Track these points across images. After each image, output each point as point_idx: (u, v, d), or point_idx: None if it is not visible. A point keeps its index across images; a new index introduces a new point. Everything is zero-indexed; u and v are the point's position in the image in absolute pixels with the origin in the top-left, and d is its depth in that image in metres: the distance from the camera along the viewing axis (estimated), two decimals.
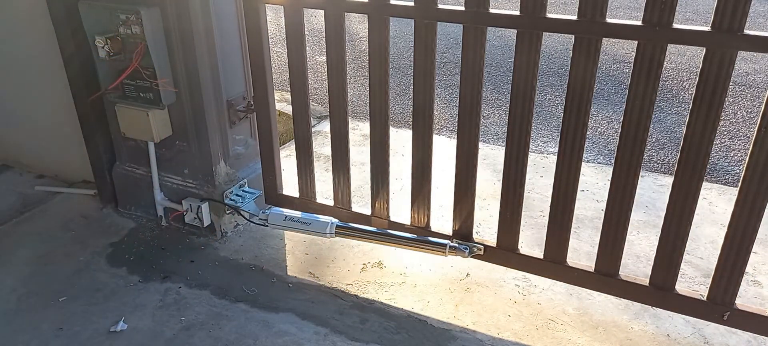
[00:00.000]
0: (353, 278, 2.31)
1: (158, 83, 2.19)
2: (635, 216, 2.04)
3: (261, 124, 2.41)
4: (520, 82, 1.86)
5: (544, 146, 3.62)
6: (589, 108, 1.80)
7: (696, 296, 1.92)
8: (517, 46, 1.81)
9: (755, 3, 1.80)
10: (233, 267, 2.38)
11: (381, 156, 2.22)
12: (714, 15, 1.56)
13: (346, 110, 2.21)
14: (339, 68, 2.13)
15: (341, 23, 2.06)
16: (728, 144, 3.68)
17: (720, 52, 1.58)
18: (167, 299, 2.18)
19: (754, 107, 4.25)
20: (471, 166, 2.07)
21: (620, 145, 1.81)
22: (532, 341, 2.00)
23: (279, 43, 5.51)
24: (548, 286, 2.23)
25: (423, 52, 1.96)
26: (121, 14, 2.12)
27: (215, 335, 2.02)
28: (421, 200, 2.22)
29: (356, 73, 5.02)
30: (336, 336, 2.01)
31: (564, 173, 1.92)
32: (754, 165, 1.66)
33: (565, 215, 1.99)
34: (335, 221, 2.24)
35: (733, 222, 1.75)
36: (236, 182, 2.51)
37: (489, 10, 1.82)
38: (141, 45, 2.13)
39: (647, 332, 2.03)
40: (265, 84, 2.31)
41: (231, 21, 2.30)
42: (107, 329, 2.02)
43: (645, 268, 2.27)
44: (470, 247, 2.14)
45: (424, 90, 2.02)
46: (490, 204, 2.82)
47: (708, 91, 1.63)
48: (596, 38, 1.71)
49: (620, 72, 4.98)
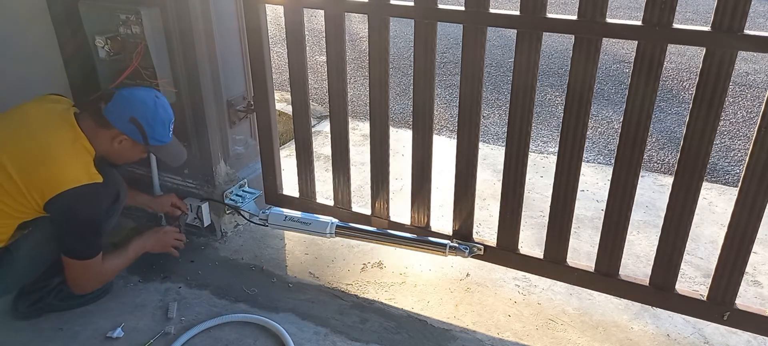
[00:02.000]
0: (353, 278, 2.31)
1: (158, 83, 2.19)
2: (635, 216, 2.04)
3: (261, 124, 2.41)
4: (520, 82, 1.86)
5: (544, 146, 3.62)
6: (589, 108, 1.80)
7: (696, 296, 1.92)
8: (517, 46, 1.81)
9: (755, 3, 1.80)
10: (233, 267, 2.38)
11: (381, 156, 2.22)
12: (714, 15, 1.56)
13: (346, 110, 2.21)
14: (339, 68, 2.13)
15: (341, 23, 2.06)
16: (728, 144, 3.68)
17: (720, 52, 1.58)
18: (167, 299, 2.18)
19: (754, 107, 4.26)
20: (471, 166, 2.07)
21: (620, 145, 1.81)
22: (532, 341, 2.00)
23: (279, 43, 5.51)
24: (548, 286, 2.23)
25: (423, 52, 1.96)
26: (121, 14, 2.12)
27: (215, 335, 2.02)
28: (421, 200, 2.22)
29: (356, 73, 5.03)
30: (336, 336, 2.01)
31: (564, 173, 1.92)
32: (754, 165, 1.66)
33: (565, 215, 1.99)
34: (335, 221, 2.24)
35: (733, 222, 1.75)
36: (236, 182, 2.51)
37: (489, 10, 1.82)
38: (141, 45, 2.13)
39: (647, 332, 2.03)
40: (265, 84, 2.31)
41: (231, 21, 2.30)
42: (106, 331, 2.02)
43: (645, 268, 2.27)
44: (470, 247, 2.14)
45: (424, 90, 2.02)
46: (490, 204, 2.82)
47: (708, 91, 1.63)
48: (596, 38, 1.71)
49: (620, 72, 4.98)
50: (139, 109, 1.92)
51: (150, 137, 1.95)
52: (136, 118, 1.91)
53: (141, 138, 1.94)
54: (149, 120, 1.93)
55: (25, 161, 1.79)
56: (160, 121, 1.96)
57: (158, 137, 1.97)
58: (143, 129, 1.92)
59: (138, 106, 1.92)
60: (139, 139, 1.94)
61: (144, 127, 1.92)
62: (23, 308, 2.05)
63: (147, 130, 1.93)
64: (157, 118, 1.95)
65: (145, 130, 1.92)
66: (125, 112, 1.91)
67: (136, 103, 1.93)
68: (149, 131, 1.93)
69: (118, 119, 1.90)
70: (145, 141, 1.95)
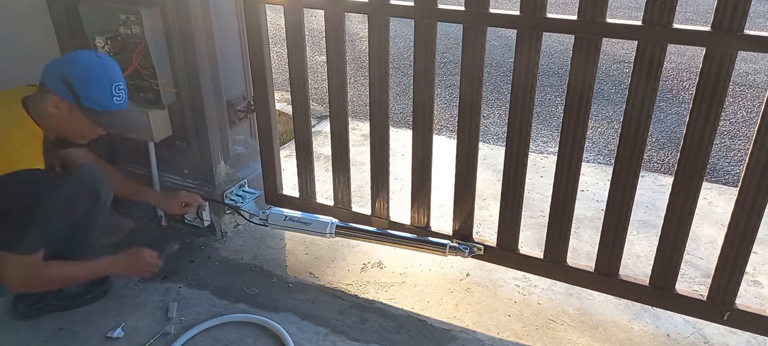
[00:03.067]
0: (353, 278, 2.31)
1: (158, 83, 2.19)
2: (635, 216, 2.04)
3: (261, 124, 2.41)
4: (520, 82, 1.86)
5: (544, 146, 3.62)
6: (589, 108, 1.80)
7: (696, 296, 1.92)
8: (517, 46, 1.81)
9: (755, 3, 1.80)
10: (233, 267, 2.38)
11: (381, 156, 2.22)
12: (714, 15, 1.56)
13: (346, 110, 2.21)
14: (339, 68, 2.13)
15: (341, 23, 2.06)
16: (728, 144, 3.68)
17: (720, 52, 1.58)
18: (167, 299, 2.18)
19: (754, 107, 4.26)
20: (471, 166, 2.07)
21: (620, 145, 1.81)
22: (532, 341, 2.00)
23: (279, 43, 5.51)
24: (548, 286, 2.23)
25: (423, 52, 1.96)
26: (121, 14, 2.12)
27: (215, 335, 2.02)
28: (421, 199, 2.22)
29: (356, 73, 5.02)
30: (336, 336, 2.01)
31: (564, 173, 1.92)
32: (754, 165, 1.66)
33: (565, 215, 1.99)
34: (335, 221, 2.24)
35: (733, 222, 1.75)
36: (236, 181, 2.51)
37: (489, 10, 1.82)
38: (141, 45, 2.13)
39: (647, 332, 2.03)
40: (265, 84, 2.31)
41: (231, 21, 2.30)
42: (107, 331, 2.02)
43: (645, 268, 2.27)
44: (470, 247, 2.14)
45: (424, 90, 2.02)
46: (490, 204, 2.82)
47: (708, 91, 1.63)
48: (596, 38, 1.71)
49: (620, 72, 4.98)
50: (71, 68, 1.70)
51: (83, 98, 1.69)
52: (67, 77, 1.67)
53: (72, 98, 1.69)
54: (81, 80, 1.68)
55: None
56: (97, 82, 1.71)
57: (95, 99, 1.71)
58: (75, 90, 1.68)
59: (71, 65, 1.70)
60: (71, 101, 1.69)
61: (74, 86, 1.68)
62: (23, 308, 2.05)
63: (79, 90, 1.68)
64: (92, 77, 1.70)
65: (76, 91, 1.68)
66: (58, 70, 1.70)
67: (70, 62, 1.72)
68: (83, 91, 1.68)
69: (52, 79, 1.69)
70: (78, 102, 1.69)
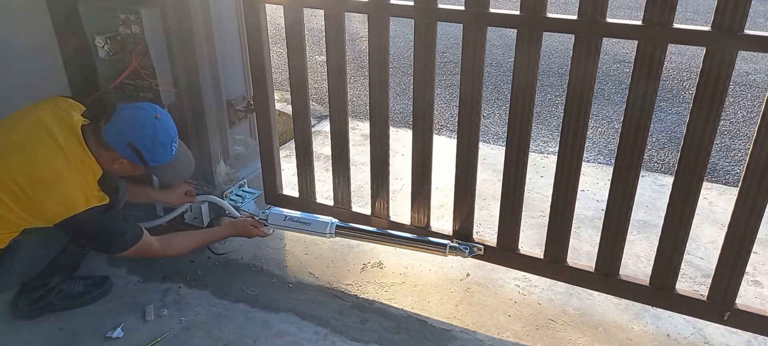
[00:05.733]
0: (353, 278, 2.31)
1: (158, 83, 2.19)
2: (635, 216, 2.03)
3: (261, 124, 2.41)
4: (520, 82, 1.86)
5: (544, 146, 3.62)
6: (589, 108, 1.80)
7: (696, 295, 1.92)
8: (517, 46, 1.81)
9: (755, 3, 1.79)
10: (233, 267, 2.38)
11: (381, 156, 2.21)
12: (714, 15, 1.56)
13: (346, 110, 2.21)
14: (339, 68, 2.13)
15: (341, 23, 2.06)
16: (728, 144, 3.68)
17: (720, 52, 1.58)
18: (167, 299, 2.18)
19: (754, 107, 4.25)
20: (471, 166, 2.07)
21: (620, 145, 1.81)
22: (532, 341, 2.00)
23: (279, 43, 5.51)
24: (548, 286, 2.23)
25: (423, 52, 1.96)
26: (121, 14, 2.12)
27: (215, 335, 2.02)
28: (421, 200, 2.22)
29: (356, 73, 5.02)
30: (336, 336, 2.01)
31: (564, 173, 1.92)
32: (754, 165, 1.66)
33: (565, 215, 1.99)
34: (335, 221, 2.24)
35: (733, 222, 1.75)
36: (236, 181, 2.51)
37: (489, 10, 1.81)
38: (141, 45, 2.13)
39: (647, 332, 2.03)
40: (265, 84, 2.31)
41: (231, 21, 2.30)
42: (107, 331, 2.02)
43: (645, 268, 2.27)
44: (470, 247, 2.13)
45: (424, 90, 2.02)
46: (490, 204, 2.82)
47: (708, 91, 1.63)
48: (596, 38, 1.71)
49: (620, 72, 4.98)
50: (138, 135, 1.86)
51: (150, 160, 1.90)
52: (135, 144, 1.86)
53: (140, 162, 1.90)
54: (148, 145, 1.87)
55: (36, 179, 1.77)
56: (160, 145, 1.90)
57: (159, 159, 1.92)
58: (142, 154, 1.88)
59: (137, 131, 1.86)
60: (139, 163, 1.90)
61: (142, 152, 1.87)
62: (23, 307, 2.05)
63: (146, 155, 1.88)
64: (156, 142, 1.89)
65: (144, 156, 1.88)
66: (124, 137, 1.86)
67: (135, 128, 1.87)
68: (149, 156, 1.89)
69: (118, 144, 1.86)
70: (145, 164, 1.91)
